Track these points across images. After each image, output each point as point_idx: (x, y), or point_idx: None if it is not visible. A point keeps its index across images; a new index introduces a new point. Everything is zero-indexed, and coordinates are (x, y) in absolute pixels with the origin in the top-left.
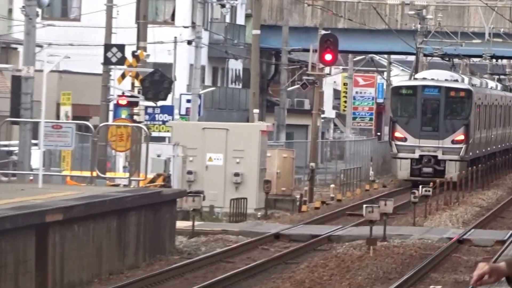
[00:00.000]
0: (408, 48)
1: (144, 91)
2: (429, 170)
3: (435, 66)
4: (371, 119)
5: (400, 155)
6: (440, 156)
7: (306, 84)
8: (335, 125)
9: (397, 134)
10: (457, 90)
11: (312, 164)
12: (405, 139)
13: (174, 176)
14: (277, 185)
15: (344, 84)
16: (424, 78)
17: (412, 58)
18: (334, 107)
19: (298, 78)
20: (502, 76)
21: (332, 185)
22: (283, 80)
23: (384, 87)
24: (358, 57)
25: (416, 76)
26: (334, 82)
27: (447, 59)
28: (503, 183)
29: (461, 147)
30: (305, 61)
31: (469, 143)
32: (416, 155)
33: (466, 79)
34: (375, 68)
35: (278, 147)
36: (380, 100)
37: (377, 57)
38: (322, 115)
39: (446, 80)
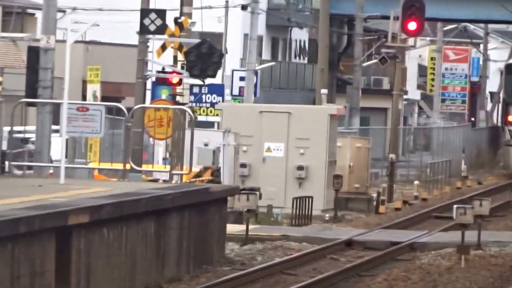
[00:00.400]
0: (510, 16)
1: (189, 67)
2: None
3: None
4: (463, 102)
5: None
6: None
7: (386, 59)
8: (420, 108)
9: (511, 118)
10: None
11: (392, 156)
12: None
13: (224, 169)
14: (350, 181)
15: (432, 58)
16: None
17: None
18: (419, 87)
19: (376, 52)
20: None
21: (416, 182)
22: (357, 54)
23: (480, 62)
24: (449, 26)
25: None
26: (420, 56)
27: None
28: None
29: None
30: (385, 30)
31: None
32: None
33: None
34: (469, 40)
35: (351, 135)
36: (475, 79)
37: (471, 27)
38: (405, 96)
39: None
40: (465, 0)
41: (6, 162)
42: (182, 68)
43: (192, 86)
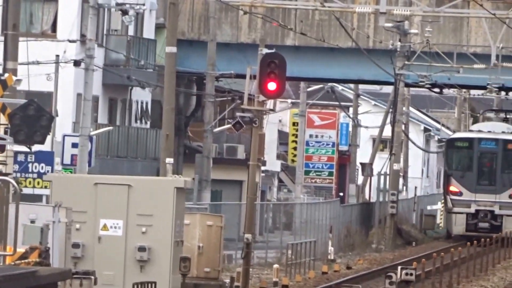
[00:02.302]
0: (384, 75)
1: (14, 131)
2: (486, 225)
3: (422, 100)
4: (330, 174)
5: (455, 209)
6: (497, 211)
7: (241, 124)
8: (280, 181)
9: (452, 188)
10: None
11: (248, 235)
12: (460, 193)
13: (54, 250)
14: (199, 264)
15: (294, 124)
16: (480, 131)
17: (388, 89)
18: (279, 156)
19: (229, 115)
20: None
21: (276, 266)
22: (207, 117)
23: (350, 128)
24: (314, 87)
25: (472, 128)
26: (280, 121)
27: (438, 89)
28: None
29: None
30: (240, 91)
31: None
32: (472, 209)
33: None
34: (337, 103)
35: (201, 211)
36: (344, 147)
37: (339, 87)
38: (263, 167)
39: (503, 132)
40: (332, 56)
41: None
42: (6, 132)
43: (16, 153)
